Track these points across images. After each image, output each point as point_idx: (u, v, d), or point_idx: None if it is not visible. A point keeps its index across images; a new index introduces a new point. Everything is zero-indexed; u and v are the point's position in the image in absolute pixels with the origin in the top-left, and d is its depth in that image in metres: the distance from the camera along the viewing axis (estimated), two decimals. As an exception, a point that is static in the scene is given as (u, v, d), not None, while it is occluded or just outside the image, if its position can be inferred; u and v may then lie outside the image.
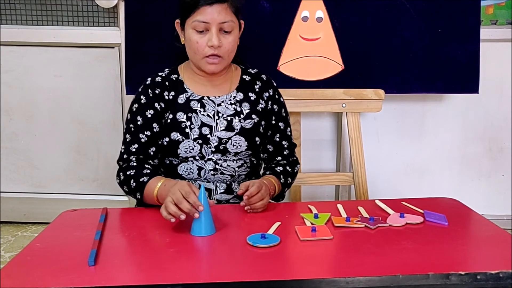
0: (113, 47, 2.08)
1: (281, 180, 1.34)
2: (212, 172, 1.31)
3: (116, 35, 2.04)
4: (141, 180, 1.23)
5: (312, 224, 1.09)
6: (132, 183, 1.24)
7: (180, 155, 1.29)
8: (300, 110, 1.82)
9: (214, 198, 1.31)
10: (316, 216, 1.13)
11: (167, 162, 1.32)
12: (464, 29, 1.83)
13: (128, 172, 1.26)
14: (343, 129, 2.10)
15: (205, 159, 1.31)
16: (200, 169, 1.31)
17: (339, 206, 1.21)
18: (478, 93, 1.88)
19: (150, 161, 1.30)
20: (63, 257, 0.94)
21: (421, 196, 1.30)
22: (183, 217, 1.05)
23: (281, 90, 1.48)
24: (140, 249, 0.98)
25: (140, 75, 1.41)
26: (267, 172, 1.37)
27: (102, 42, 2.06)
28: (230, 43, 1.29)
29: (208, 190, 1.31)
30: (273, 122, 1.41)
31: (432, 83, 1.86)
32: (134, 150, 1.29)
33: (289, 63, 1.82)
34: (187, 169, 1.31)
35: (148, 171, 1.25)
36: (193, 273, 0.88)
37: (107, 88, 2.12)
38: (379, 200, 1.24)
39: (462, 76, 1.85)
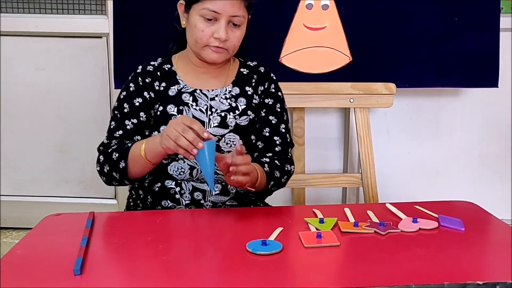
0: (100, 37, 2.08)
1: (265, 169, 1.30)
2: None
3: (103, 24, 2.04)
4: (124, 147, 1.24)
5: (317, 229, 1.09)
6: (115, 156, 1.24)
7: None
8: (304, 105, 1.82)
9: (209, 200, 1.32)
10: (321, 221, 1.13)
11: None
12: (483, 17, 1.83)
13: (109, 150, 1.27)
14: (350, 126, 2.10)
15: (198, 158, 1.31)
16: (192, 168, 1.31)
17: (347, 210, 1.21)
18: (497, 87, 1.87)
19: None
20: (47, 266, 0.94)
21: (435, 199, 1.30)
22: (195, 151, 1.07)
23: (283, 84, 1.48)
24: (130, 257, 0.98)
25: (129, 67, 1.41)
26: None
27: (89, 32, 2.06)
28: (237, 37, 1.31)
29: (202, 192, 1.31)
30: (263, 114, 1.40)
31: (448, 76, 1.86)
32: (117, 135, 1.30)
33: (292, 55, 1.82)
34: (178, 168, 1.31)
35: (132, 143, 1.26)
36: (188, 284, 0.88)
37: (93, 82, 2.12)
38: (390, 203, 1.24)
39: (481, 69, 1.85)
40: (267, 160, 1.35)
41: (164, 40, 1.49)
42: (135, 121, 1.31)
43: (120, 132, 1.30)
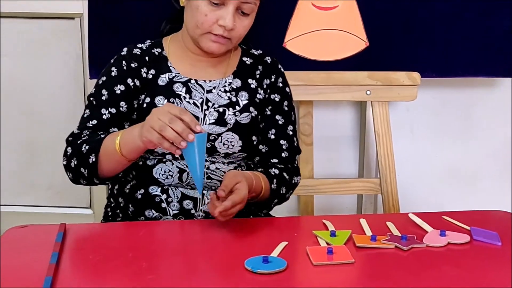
0: (73, 18, 2.08)
1: (273, 186, 1.33)
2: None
3: (77, 3, 2.04)
4: (96, 139, 1.24)
5: (328, 244, 1.10)
6: (84, 148, 1.23)
7: (156, 150, 1.29)
8: (312, 98, 1.82)
9: (201, 210, 1.32)
10: (333, 234, 1.13)
11: (140, 162, 1.33)
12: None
13: (78, 142, 1.26)
14: (367, 123, 2.10)
15: (188, 159, 1.32)
16: (181, 172, 1.32)
17: (363, 222, 1.21)
18: (540, 76, 1.88)
19: None
20: (11, 286, 0.94)
21: (467, 209, 1.30)
22: (184, 144, 1.07)
23: (287, 74, 1.48)
24: (108, 276, 0.98)
25: (108, 54, 1.41)
26: (259, 170, 1.36)
27: (60, 12, 2.06)
28: (245, 27, 1.32)
29: (193, 200, 1.32)
30: (268, 113, 1.40)
31: (482, 64, 1.86)
32: (91, 125, 1.30)
33: (298, 39, 1.82)
34: (165, 171, 1.32)
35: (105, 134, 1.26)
36: (176, 307, 0.88)
37: (65, 71, 2.11)
38: (413, 213, 1.25)
39: (521, 56, 1.86)
40: (276, 172, 1.36)
41: (150, 22, 1.49)
42: (113, 110, 1.31)
43: (94, 121, 1.30)
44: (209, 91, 1.36)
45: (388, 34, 1.83)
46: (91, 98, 1.33)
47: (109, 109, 1.31)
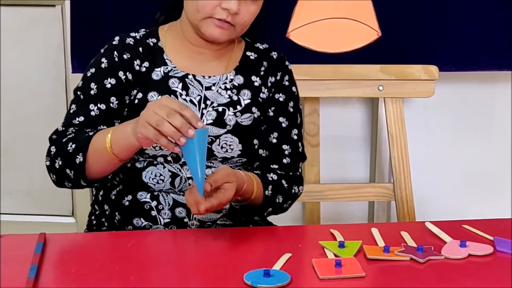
0: (53, 6, 2.08)
1: (267, 192, 1.32)
2: (191, 181, 1.31)
3: (58, -12, 2.05)
4: (84, 137, 1.23)
5: (336, 256, 1.09)
6: (71, 147, 1.23)
7: (146, 152, 1.29)
8: (318, 94, 1.82)
9: (195, 218, 1.32)
10: (341, 245, 1.13)
11: (128, 164, 1.33)
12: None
13: (64, 140, 1.26)
14: (379, 122, 2.10)
15: (182, 162, 1.31)
16: (174, 176, 1.31)
17: (374, 231, 1.21)
18: None
19: None
20: (-16, 303, 0.94)
21: (490, 217, 1.30)
22: (183, 140, 1.06)
23: (291, 67, 1.48)
24: (92, 292, 0.98)
25: (92, 45, 1.41)
26: (256, 172, 1.35)
27: (38, -1, 2.06)
28: (251, 13, 1.31)
29: (186, 207, 1.30)
30: (271, 114, 1.41)
31: (505, 56, 1.87)
32: (77, 122, 1.29)
33: (303, 29, 1.82)
34: (155, 175, 1.32)
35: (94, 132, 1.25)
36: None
37: (45, 64, 2.12)
38: (430, 222, 1.24)
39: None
40: (274, 178, 1.35)
41: (140, 9, 1.48)
42: (102, 106, 1.31)
43: (81, 118, 1.30)
44: (208, 88, 1.36)
45: (403, 23, 1.83)
46: (78, 92, 1.33)
47: (98, 104, 1.31)
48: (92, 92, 1.31)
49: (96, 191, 1.41)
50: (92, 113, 1.30)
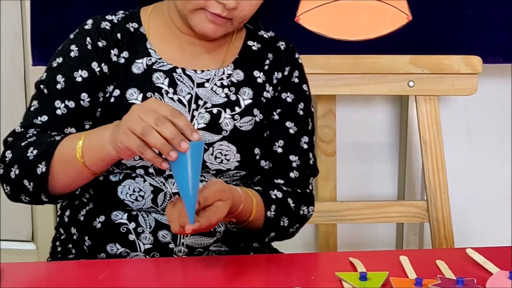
0: (9, -15, 2.10)
1: (268, 213, 1.32)
2: (178, 196, 1.31)
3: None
4: (49, 141, 1.23)
5: (356, 290, 1.10)
6: (31, 153, 1.22)
7: (123, 162, 1.30)
8: (334, 92, 1.83)
9: (182, 244, 1.31)
10: (363, 277, 1.13)
11: (101, 177, 1.32)
12: None
13: (22, 144, 1.25)
14: (409, 125, 2.10)
15: (166, 175, 1.32)
16: (156, 191, 1.32)
17: (404, 260, 1.21)
18: None
19: None
20: None
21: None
22: (174, 155, 1.05)
23: (302, 58, 1.49)
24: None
25: (56, 33, 1.42)
26: (256, 188, 1.35)
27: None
28: (252, 5, 1.31)
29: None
30: (276, 117, 1.41)
31: None
32: (40, 122, 1.29)
33: (316, 11, 1.83)
34: (134, 190, 1.32)
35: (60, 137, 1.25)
36: None
37: (0, 55, 2.12)
38: (472, 248, 1.25)
39: None
40: (279, 196, 1.35)
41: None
42: (71, 104, 1.31)
43: (45, 117, 1.30)
44: (201, 85, 1.36)
45: (438, 6, 1.84)
46: (41, 86, 1.33)
47: (66, 101, 1.31)
48: (58, 86, 1.32)
49: (61, 210, 1.41)
50: (58, 112, 1.30)
